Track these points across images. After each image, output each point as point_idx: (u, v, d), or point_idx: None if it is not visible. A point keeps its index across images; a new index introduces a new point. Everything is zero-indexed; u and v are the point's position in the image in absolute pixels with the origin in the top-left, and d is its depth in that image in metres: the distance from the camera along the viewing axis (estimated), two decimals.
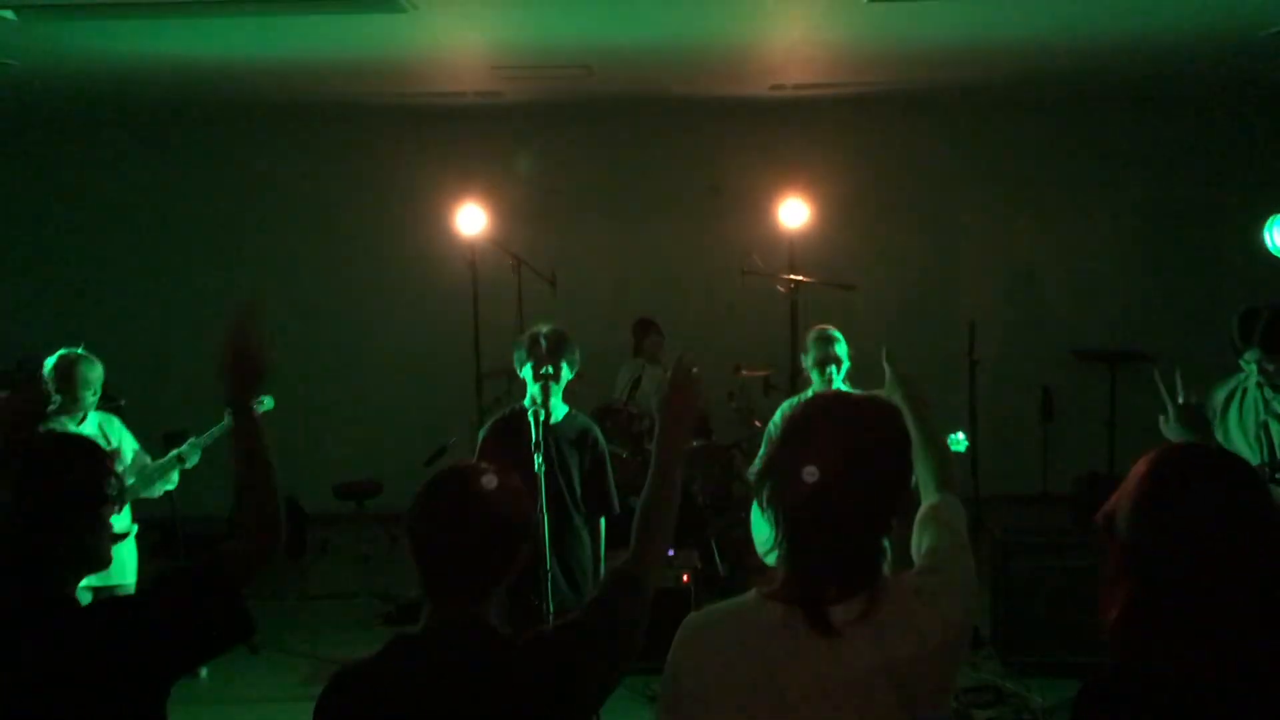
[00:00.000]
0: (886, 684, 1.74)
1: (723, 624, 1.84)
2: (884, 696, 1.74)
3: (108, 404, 6.48)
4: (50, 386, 4.73)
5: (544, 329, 4.22)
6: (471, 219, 7.78)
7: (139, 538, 4.92)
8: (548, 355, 4.13)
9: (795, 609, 1.76)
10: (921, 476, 2.17)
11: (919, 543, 2.01)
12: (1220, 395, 4.21)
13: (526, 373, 4.18)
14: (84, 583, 2.23)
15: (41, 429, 2.58)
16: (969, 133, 8.45)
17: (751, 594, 1.84)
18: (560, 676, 1.95)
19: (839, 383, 4.85)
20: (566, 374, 4.20)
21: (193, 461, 4.88)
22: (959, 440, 4.85)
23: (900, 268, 8.55)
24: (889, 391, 2.36)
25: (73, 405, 4.68)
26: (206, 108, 7.90)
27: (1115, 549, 1.64)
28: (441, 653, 1.93)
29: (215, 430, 4.84)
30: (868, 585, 1.77)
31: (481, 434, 4.39)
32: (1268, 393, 4.04)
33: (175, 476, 4.92)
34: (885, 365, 2.43)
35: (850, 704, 1.74)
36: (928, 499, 2.10)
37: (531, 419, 4.00)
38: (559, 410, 4.22)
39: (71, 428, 4.64)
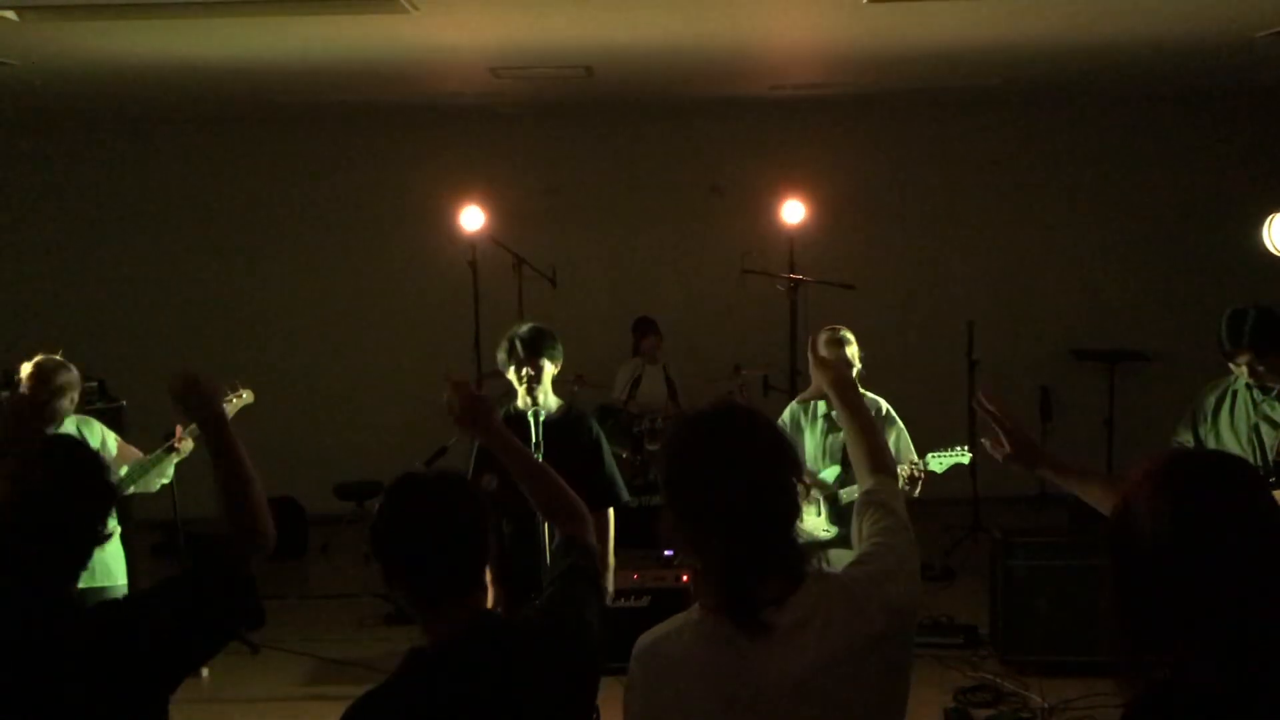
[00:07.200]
0: (835, 677, 1.75)
1: (669, 644, 1.84)
2: (835, 690, 1.75)
3: (109, 405, 6.50)
4: (26, 390, 4.67)
5: (521, 330, 4.28)
6: (471, 219, 7.79)
7: (140, 538, 4.88)
8: (526, 358, 4.20)
9: (731, 619, 1.76)
10: (855, 463, 2.19)
11: (859, 528, 2.02)
12: (1210, 398, 4.20)
13: (511, 375, 4.25)
14: None
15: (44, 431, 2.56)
16: (968, 132, 8.45)
17: (694, 609, 1.85)
18: (580, 639, 2.03)
19: None
20: (550, 369, 4.26)
21: (187, 449, 4.70)
22: (962, 452, 4.77)
23: (900, 268, 8.55)
24: (815, 379, 2.38)
25: (50, 411, 4.58)
26: (206, 108, 7.90)
27: (1135, 560, 1.53)
28: (478, 656, 1.91)
29: None
30: (799, 581, 1.79)
31: None
32: (1258, 395, 4.04)
33: (170, 470, 4.76)
34: (809, 353, 2.46)
35: (802, 703, 1.75)
36: (864, 485, 2.10)
37: (531, 418, 4.06)
38: (550, 405, 4.27)
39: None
